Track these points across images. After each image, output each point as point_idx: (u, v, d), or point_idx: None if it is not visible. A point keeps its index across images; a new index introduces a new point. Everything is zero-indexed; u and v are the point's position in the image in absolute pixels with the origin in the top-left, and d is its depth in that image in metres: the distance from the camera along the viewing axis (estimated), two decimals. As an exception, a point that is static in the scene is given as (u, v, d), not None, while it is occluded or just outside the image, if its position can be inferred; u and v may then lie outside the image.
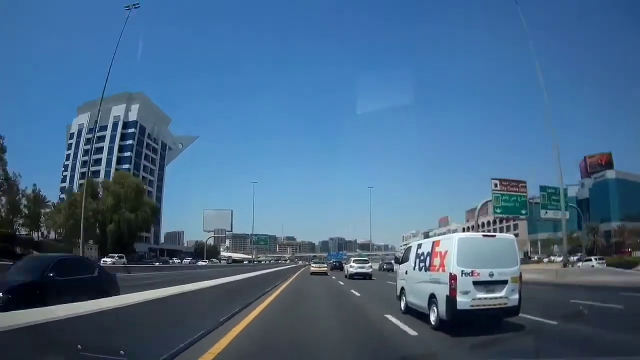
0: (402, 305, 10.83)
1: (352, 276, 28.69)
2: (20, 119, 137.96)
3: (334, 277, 31.57)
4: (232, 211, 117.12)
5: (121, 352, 3.47)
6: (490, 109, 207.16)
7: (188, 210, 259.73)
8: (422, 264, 9.61)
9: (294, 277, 31.53)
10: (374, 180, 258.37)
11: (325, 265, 43.53)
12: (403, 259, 11.28)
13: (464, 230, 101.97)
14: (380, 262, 60.88)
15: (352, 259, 34.47)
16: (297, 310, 12.29)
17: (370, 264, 31.06)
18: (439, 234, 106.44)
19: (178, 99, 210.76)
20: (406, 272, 10.70)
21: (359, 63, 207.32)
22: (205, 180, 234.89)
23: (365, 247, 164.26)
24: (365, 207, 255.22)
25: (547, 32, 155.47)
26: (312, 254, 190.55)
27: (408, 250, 11.02)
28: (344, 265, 46.56)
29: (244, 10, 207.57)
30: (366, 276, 28.53)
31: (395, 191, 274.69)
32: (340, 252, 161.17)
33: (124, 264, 40.02)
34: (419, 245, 10.16)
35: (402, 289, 10.89)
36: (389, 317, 10.07)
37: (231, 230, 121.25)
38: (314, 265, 40.45)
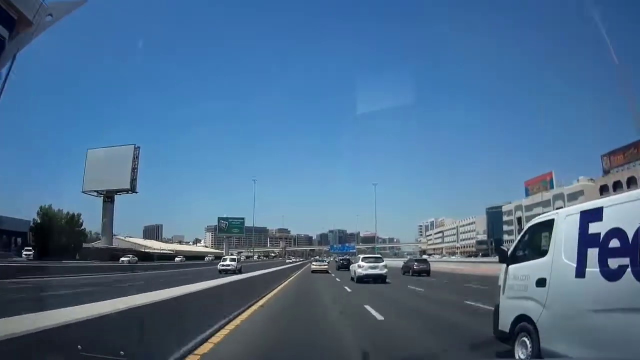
0: (522, 355, 4.64)
1: (362, 279, 22.30)
2: None
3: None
4: (137, 149, 61.87)
5: (121, 352, 3.39)
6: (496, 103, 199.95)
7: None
8: (622, 261, 3.43)
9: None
10: (374, 172, 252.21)
11: (326, 263, 44.86)
12: (522, 252, 5.18)
13: (603, 192, 57.49)
14: (408, 258, 47.17)
15: (361, 256, 26.82)
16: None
17: (384, 262, 24.16)
18: (529, 206, 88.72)
19: (177, 99, 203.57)
20: (542, 283, 4.48)
21: (355, 55, 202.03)
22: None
23: (369, 240, 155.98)
24: (367, 199, 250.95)
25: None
26: (309, 248, 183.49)
27: (541, 228, 4.95)
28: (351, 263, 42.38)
29: (245, 9, 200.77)
30: (379, 279, 22.28)
31: (400, 182, 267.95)
32: (347, 245, 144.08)
33: None
34: (595, 214, 3.94)
35: (523, 318, 4.74)
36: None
37: (133, 190, 64.20)
38: (314, 263, 43.40)
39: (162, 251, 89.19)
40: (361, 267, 22.93)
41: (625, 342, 3.34)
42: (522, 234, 5.30)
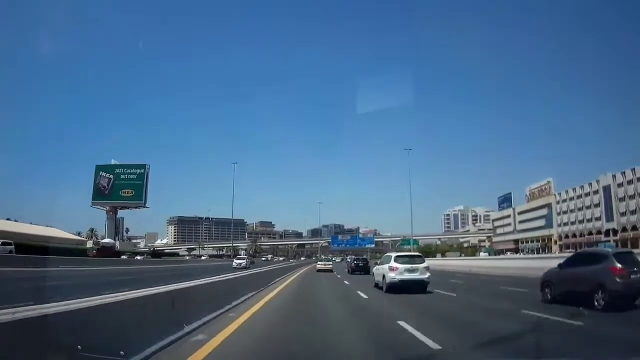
0: None
1: (395, 287, 16.36)
2: None
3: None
4: None
5: (121, 352, 3.44)
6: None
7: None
8: None
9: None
10: (373, 168, 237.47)
11: (330, 263, 45.28)
12: None
13: None
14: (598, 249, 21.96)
15: (393, 255, 18.94)
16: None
17: (426, 263, 17.47)
18: None
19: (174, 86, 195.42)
20: None
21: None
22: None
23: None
24: (367, 196, 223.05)
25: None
26: (296, 242, 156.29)
27: None
28: (369, 265, 32.99)
29: (245, 8, 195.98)
30: (418, 286, 16.24)
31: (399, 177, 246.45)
32: (359, 236, 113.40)
33: None
34: None
35: None
36: None
37: None
38: (320, 263, 43.65)
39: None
40: (394, 269, 17.04)
41: None
42: None
